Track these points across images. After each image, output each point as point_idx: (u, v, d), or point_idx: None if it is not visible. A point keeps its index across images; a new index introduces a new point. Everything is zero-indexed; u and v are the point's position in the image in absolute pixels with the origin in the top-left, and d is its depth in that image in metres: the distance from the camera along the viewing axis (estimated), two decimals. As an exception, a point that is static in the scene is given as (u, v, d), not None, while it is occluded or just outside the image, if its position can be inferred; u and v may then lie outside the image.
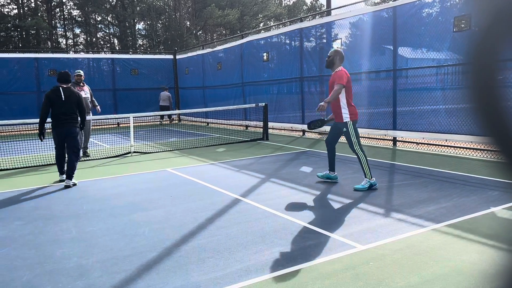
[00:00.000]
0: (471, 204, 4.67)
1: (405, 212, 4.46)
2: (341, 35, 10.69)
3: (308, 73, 11.80)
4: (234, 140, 11.61)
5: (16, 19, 35.09)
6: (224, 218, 4.50)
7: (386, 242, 3.63)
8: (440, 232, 3.84)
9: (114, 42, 41.91)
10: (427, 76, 8.56)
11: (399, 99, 9.15)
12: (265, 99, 13.27)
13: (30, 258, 3.56)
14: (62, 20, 39.95)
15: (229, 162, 8.09)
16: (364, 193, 5.34)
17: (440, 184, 5.64)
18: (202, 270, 3.19)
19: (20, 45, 35.02)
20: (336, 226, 4.10)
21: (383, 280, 2.92)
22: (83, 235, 4.13)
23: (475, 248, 3.41)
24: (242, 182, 6.30)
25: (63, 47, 39.09)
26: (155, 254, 3.55)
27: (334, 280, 2.94)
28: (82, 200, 5.54)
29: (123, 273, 3.20)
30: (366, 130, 10.00)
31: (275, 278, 3.01)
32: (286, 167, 7.40)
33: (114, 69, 18.80)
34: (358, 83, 10.29)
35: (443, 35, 8.04)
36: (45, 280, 3.12)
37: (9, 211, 5.10)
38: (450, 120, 8.06)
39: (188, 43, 35.05)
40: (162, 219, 4.56)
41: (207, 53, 17.27)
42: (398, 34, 8.99)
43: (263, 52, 13.72)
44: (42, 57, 17.52)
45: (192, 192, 5.78)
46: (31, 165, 8.41)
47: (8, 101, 16.52)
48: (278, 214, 4.57)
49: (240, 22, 40.09)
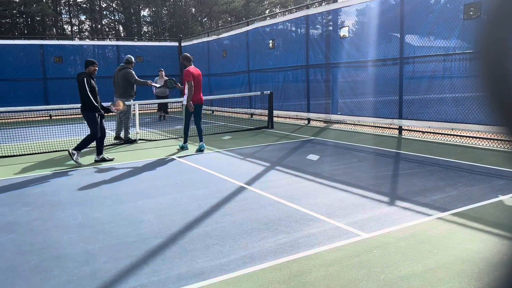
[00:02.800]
0: (476, 193, 4.66)
1: (410, 201, 4.46)
2: (347, 22, 10.58)
3: (314, 60, 11.71)
4: (239, 128, 11.61)
5: (21, 6, 34.97)
6: (229, 206, 4.52)
7: (391, 230, 3.64)
8: (445, 220, 3.83)
9: (119, 29, 41.75)
10: (434, 64, 8.47)
11: (405, 87, 9.08)
12: (271, 87, 13.23)
13: (37, 243, 3.61)
14: (67, 7, 39.79)
15: (234, 150, 8.10)
16: (369, 181, 5.34)
17: (446, 173, 5.63)
18: (207, 257, 3.22)
19: (26, 32, 34.97)
20: (340, 214, 4.11)
21: (387, 268, 2.93)
22: (89, 221, 4.17)
23: (479, 237, 3.41)
24: (247, 170, 6.31)
25: (68, 34, 39.02)
26: (161, 241, 3.58)
27: (338, 268, 2.95)
28: (88, 186, 5.59)
29: (129, 258, 3.23)
30: (372, 119, 9.95)
31: (279, 265, 3.03)
32: (291, 155, 7.39)
33: (119, 56, 18.75)
34: (364, 71, 10.21)
35: (452, 22, 7.92)
36: (52, 265, 3.17)
37: (16, 197, 5.16)
38: (457, 109, 8.00)
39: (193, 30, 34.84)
40: (168, 206, 4.59)
41: (212, 40, 17.17)
42: (406, 21, 8.88)
43: (269, 39, 13.62)
44: (48, 43, 17.50)
45: (197, 179, 5.80)
46: (37, 151, 8.47)
47: (14, 87, 16.56)
48: (282, 202, 4.58)
49: (246, 9, 39.73)
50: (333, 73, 11.16)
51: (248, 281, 2.81)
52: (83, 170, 6.68)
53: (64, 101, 16.18)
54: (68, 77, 17.66)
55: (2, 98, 16.06)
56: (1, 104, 14.28)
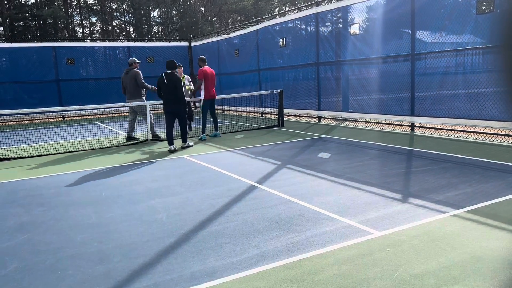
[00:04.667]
0: (491, 189, 4.59)
1: (423, 198, 4.41)
2: (358, 19, 10.51)
3: (325, 58, 11.66)
4: (250, 127, 11.61)
5: (34, 9, 35.47)
6: (241, 204, 4.53)
7: (404, 228, 3.61)
8: (459, 218, 3.79)
9: (129, 30, 42.06)
10: (446, 60, 8.37)
11: (418, 84, 8.99)
12: (281, 86, 13.20)
13: (52, 243, 3.66)
14: (78, 9, 40.21)
15: (244, 149, 8.11)
16: (382, 179, 5.30)
17: (460, 170, 5.56)
18: (219, 255, 3.23)
19: (38, 35, 35.43)
20: (352, 212, 4.08)
21: (400, 266, 2.91)
22: (102, 220, 4.22)
23: (494, 235, 3.36)
24: (258, 168, 6.32)
25: (79, 36, 39.43)
26: (173, 240, 3.60)
27: (351, 266, 2.94)
28: (101, 186, 5.64)
29: (142, 258, 3.26)
30: (384, 116, 9.88)
31: (292, 263, 3.03)
32: (302, 153, 7.38)
33: (130, 57, 18.89)
34: (375, 68, 10.14)
35: (464, 17, 7.82)
36: (67, 264, 3.21)
37: (31, 198, 5.24)
38: (470, 105, 7.90)
39: (203, 30, 34.94)
40: (179, 205, 4.62)
41: (222, 40, 17.20)
42: (417, 17, 8.78)
43: (278, 37, 13.60)
44: (60, 46, 17.71)
45: (208, 178, 5.82)
46: (51, 152, 8.58)
47: (27, 90, 16.80)
48: (294, 200, 4.58)
49: (255, 7, 39.70)
50: (344, 71, 11.10)
51: (261, 279, 2.82)
52: (96, 170, 6.75)
53: (76, 102, 16.37)
54: (79, 79, 17.86)
55: (16, 100, 16.32)
56: (15, 106, 14.55)
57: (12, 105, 15.27)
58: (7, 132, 13.12)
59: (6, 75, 16.58)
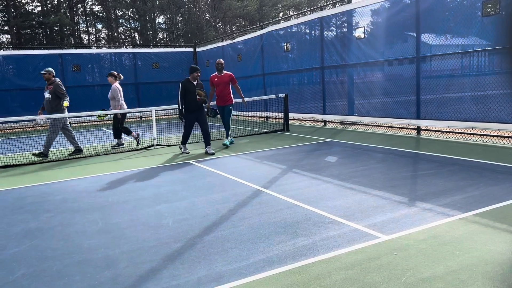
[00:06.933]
0: (499, 192, 4.55)
1: (430, 202, 4.38)
2: (362, 23, 10.51)
3: (330, 62, 11.67)
4: (255, 131, 11.61)
5: (40, 16, 35.84)
6: (247, 209, 4.52)
7: (411, 232, 3.58)
8: (467, 221, 3.76)
9: (135, 36, 42.36)
10: (451, 62, 8.34)
11: (423, 87, 8.95)
12: (286, 90, 13.21)
13: (59, 249, 3.68)
14: (84, 16, 40.58)
15: (250, 154, 8.11)
16: (388, 182, 5.27)
17: (467, 173, 5.52)
18: (225, 260, 3.22)
19: (45, 42, 35.78)
20: (359, 216, 4.06)
21: (408, 270, 2.88)
22: (109, 226, 4.23)
23: (503, 238, 3.33)
24: (264, 173, 6.31)
25: (85, 43, 39.75)
26: (179, 245, 3.60)
27: (358, 270, 2.92)
28: (108, 192, 5.67)
29: (149, 263, 3.26)
30: (389, 120, 9.85)
31: (298, 268, 3.02)
32: (308, 157, 7.36)
33: (136, 63, 19.04)
34: (381, 71, 10.12)
35: (469, 20, 7.80)
36: (74, 270, 3.22)
37: (38, 204, 5.26)
38: (477, 107, 7.85)
39: (207, 36, 35.09)
40: (186, 210, 4.62)
41: (227, 45, 17.26)
42: (422, 20, 8.77)
43: (283, 42, 13.63)
44: (66, 53, 17.88)
45: (214, 183, 5.83)
46: (57, 159, 8.63)
47: (34, 97, 16.92)
48: (300, 205, 4.56)
49: (259, 12, 39.84)
50: (349, 74, 11.09)
51: (267, 284, 2.81)
52: (102, 176, 6.78)
53: (83, 108, 16.47)
54: (86, 85, 17.99)
55: (23, 107, 16.47)
56: (23, 113, 14.67)
57: (19, 112, 15.42)
58: (15, 138, 13.23)
59: (13, 83, 16.75)
